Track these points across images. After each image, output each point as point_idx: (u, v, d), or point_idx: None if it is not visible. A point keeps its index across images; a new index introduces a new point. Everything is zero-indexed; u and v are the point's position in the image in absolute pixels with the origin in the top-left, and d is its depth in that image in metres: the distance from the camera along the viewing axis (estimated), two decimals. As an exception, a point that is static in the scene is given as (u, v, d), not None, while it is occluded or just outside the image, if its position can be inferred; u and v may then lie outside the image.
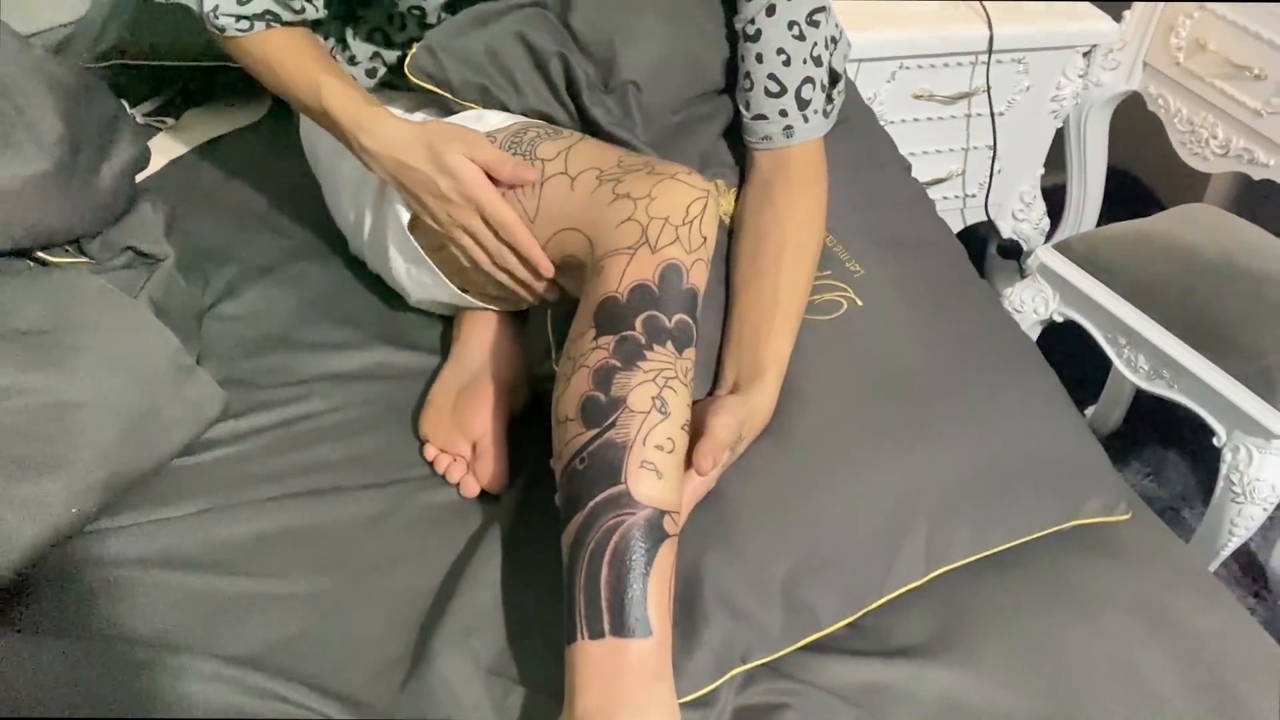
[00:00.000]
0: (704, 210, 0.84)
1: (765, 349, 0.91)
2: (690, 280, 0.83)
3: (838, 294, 0.98)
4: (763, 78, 1.02)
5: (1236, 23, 1.66)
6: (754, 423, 0.88)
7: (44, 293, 0.94)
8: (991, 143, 1.82)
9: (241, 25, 0.98)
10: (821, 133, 1.04)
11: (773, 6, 1.00)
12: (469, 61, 0.98)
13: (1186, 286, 1.37)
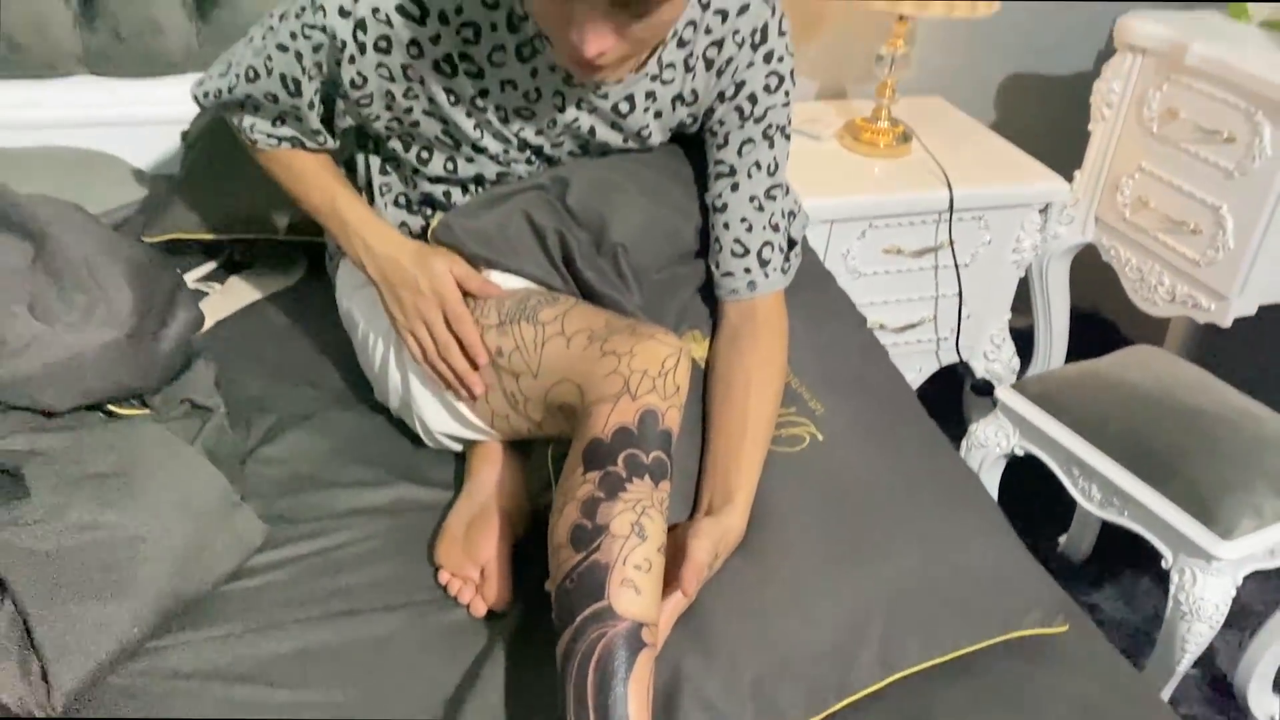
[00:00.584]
0: (677, 364, 0.99)
1: (735, 478, 1.05)
2: (665, 423, 0.97)
3: (801, 429, 1.13)
4: (729, 242, 1.19)
5: (1172, 183, 1.84)
6: (727, 541, 1.01)
7: (114, 441, 1.09)
8: (958, 291, 1.99)
9: (271, 142, 1.20)
10: (780, 287, 1.21)
11: (736, 184, 1.19)
12: (481, 236, 1.16)
13: (1130, 421, 1.51)
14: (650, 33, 0.95)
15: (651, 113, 1.17)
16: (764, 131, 1.18)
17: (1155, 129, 1.86)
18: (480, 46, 1.08)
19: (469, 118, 1.12)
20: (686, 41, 1.14)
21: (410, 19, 1.05)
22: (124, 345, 1.12)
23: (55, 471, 1.03)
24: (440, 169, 1.19)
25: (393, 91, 1.10)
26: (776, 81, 1.17)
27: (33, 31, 1.61)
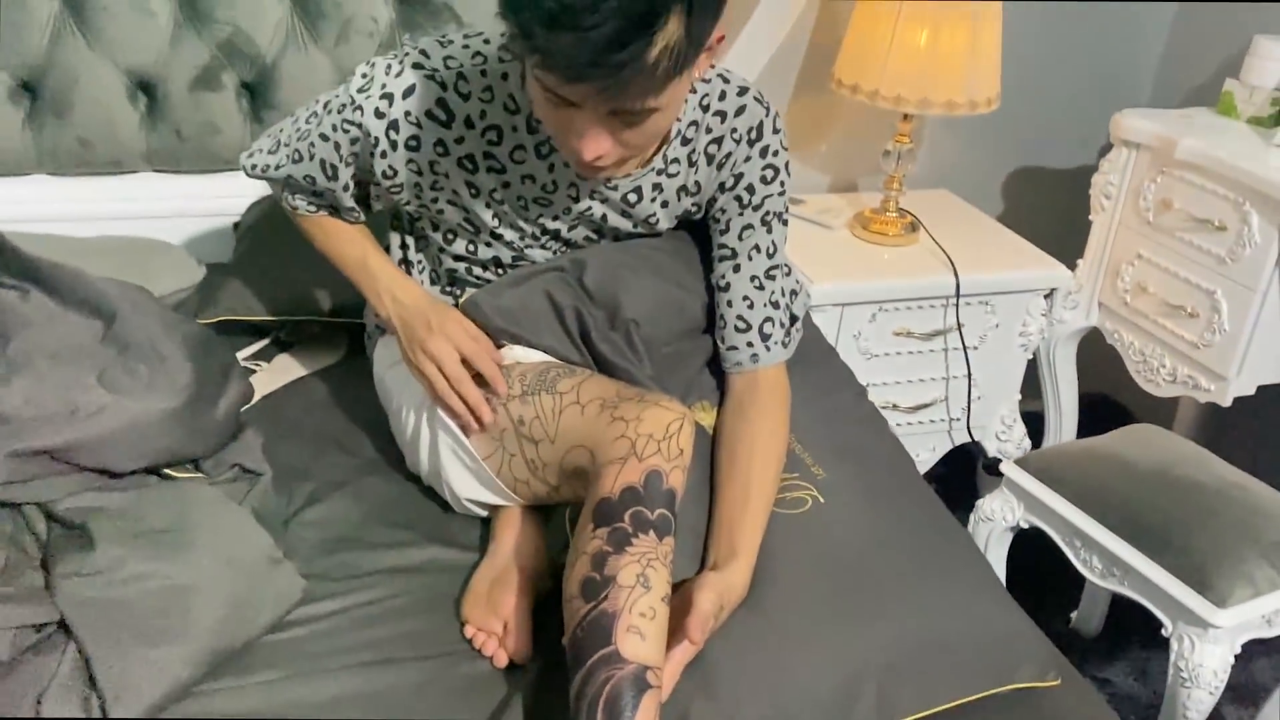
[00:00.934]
0: (681, 429, 1.08)
1: (738, 536, 1.13)
2: (669, 483, 1.05)
3: (804, 492, 1.21)
4: (733, 318, 1.30)
5: (1169, 270, 1.93)
6: (731, 596, 1.09)
7: (170, 500, 1.19)
8: (967, 373, 2.07)
9: (310, 209, 1.34)
10: (782, 359, 1.30)
11: (738, 266, 1.30)
12: (505, 313, 1.26)
13: (1128, 495, 1.57)
14: (643, 139, 1.07)
15: (658, 202, 1.29)
16: (762, 218, 1.30)
17: (1151, 219, 1.95)
18: (503, 146, 1.20)
19: (488, 209, 1.24)
20: (690, 139, 1.26)
21: (438, 122, 1.18)
22: (181, 414, 1.22)
23: (117, 527, 1.13)
24: (462, 250, 1.31)
25: (420, 184, 1.23)
26: (772, 174, 1.29)
27: (103, 132, 1.76)
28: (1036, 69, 2.30)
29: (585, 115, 1.02)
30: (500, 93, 1.19)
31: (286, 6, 1.76)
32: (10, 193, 1.76)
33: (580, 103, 1.01)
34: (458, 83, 1.18)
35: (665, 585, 1.01)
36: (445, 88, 1.17)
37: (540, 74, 1.00)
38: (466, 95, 1.18)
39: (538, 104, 1.06)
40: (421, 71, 1.18)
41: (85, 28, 1.69)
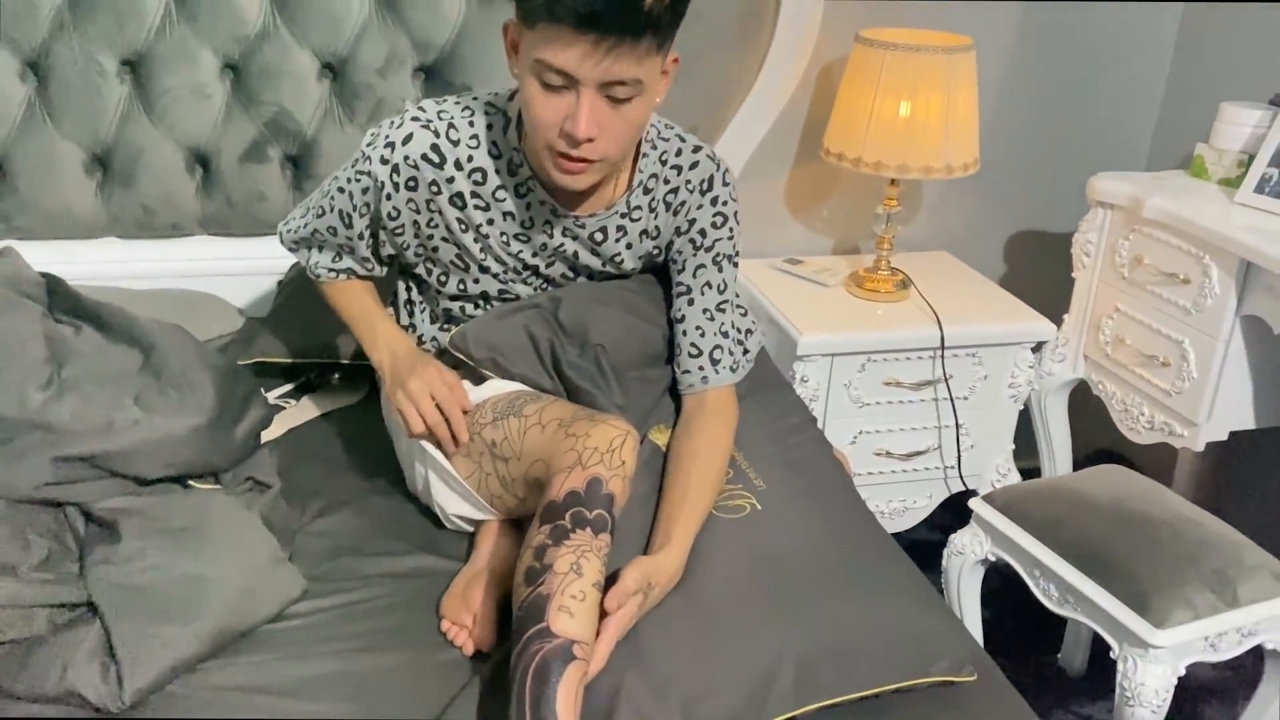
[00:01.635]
0: (624, 443, 1.23)
1: (673, 527, 1.27)
2: (608, 488, 1.19)
3: (743, 500, 1.35)
4: (687, 345, 1.47)
5: (1143, 321, 2.03)
6: (660, 578, 1.21)
7: (190, 505, 1.37)
8: (955, 422, 2.17)
9: (330, 275, 1.52)
10: (729, 382, 1.46)
11: (691, 300, 1.47)
12: (488, 346, 1.44)
13: (1082, 526, 1.67)
14: (624, 128, 1.24)
15: (623, 243, 1.47)
16: (713, 259, 1.47)
17: (1126, 274, 2.06)
18: (486, 185, 1.40)
19: (475, 243, 1.43)
20: (650, 189, 1.44)
21: (432, 164, 1.37)
22: (205, 431, 1.40)
23: (142, 525, 1.31)
24: (455, 288, 1.49)
25: (419, 221, 1.42)
26: (721, 220, 1.47)
27: (164, 200, 1.99)
28: (1032, 135, 2.45)
29: (581, 97, 1.19)
30: (485, 140, 1.38)
31: (326, 89, 1.99)
32: (83, 254, 2.00)
33: (579, 72, 1.17)
34: (449, 131, 1.38)
35: (598, 574, 1.15)
36: (438, 135, 1.37)
37: (546, 46, 1.16)
38: (456, 141, 1.38)
39: (534, 105, 1.23)
40: (418, 122, 1.38)
41: (150, 109, 1.93)
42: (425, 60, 2.00)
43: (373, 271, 1.54)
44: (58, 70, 1.88)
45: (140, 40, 1.89)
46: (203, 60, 1.92)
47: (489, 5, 1.97)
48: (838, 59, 2.26)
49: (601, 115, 1.22)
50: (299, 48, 1.94)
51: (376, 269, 1.54)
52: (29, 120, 1.90)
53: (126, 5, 1.86)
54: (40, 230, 1.99)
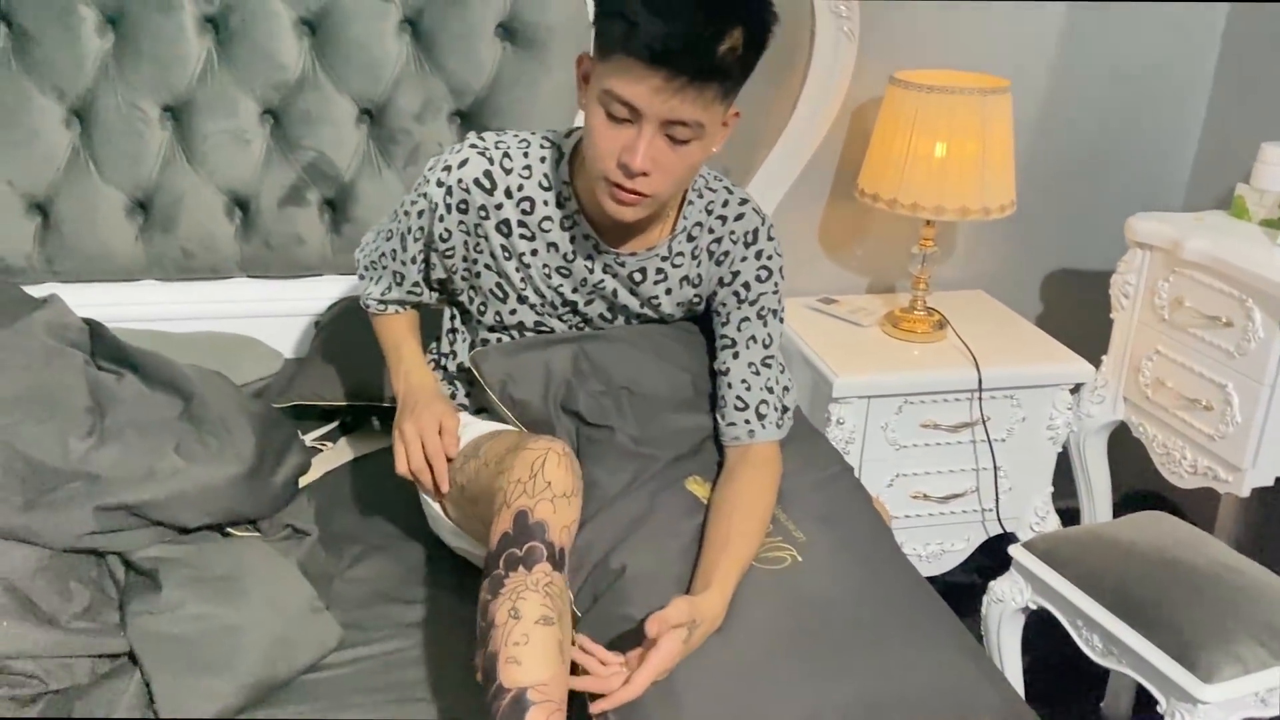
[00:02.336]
0: (544, 462, 1.22)
1: (714, 572, 1.26)
2: (536, 516, 1.18)
3: (784, 552, 1.34)
4: (732, 399, 1.46)
5: (1184, 364, 2.00)
6: (705, 619, 1.20)
7: (229, 554, 1.37)
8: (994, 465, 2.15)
9: (379, 308, 1.57)
10: (775, 438, 1.45)
11: (737, 353, 1.47)
12: (504, 369, 1.47)
13: (1125, 575, 1.64)
14: (680, 167, 1.27)
15: (662, 286, 1.48)
16: (758, 312, 1.47)
17: (1166, 316, 2.03)
18: (534, 215, 1.42)
19: (517, 271, 1.45)
20: (694, 237, 1.46)
21: (483, 189, 1.41)
22: (243, 480, 1.41)
23: (182, 574, 1.32)
24: (492, 319, 1.51)
25: (468, 243, 1.45)
26: (766, 274, 1.47)
27: (203, 243, 2.01)
28: (1069, 176, 2.43)
29: (642, 131, 1.22)
30: (537, 171, 1.42)
31: (364, 134, 2.01)
32: (124, 296, 2.03)
33: (644, 107, 1.20)
34: (503, 160, 1.42)
35: (540, 607, 1.13)
36: (492, 162, 1.41)
37: (616, 77, 1.20)
38: (509, 170, 1.41)
39: (596, 134, 1.26)
40: (475, 149, 1.42)
41: (191, 154, 1.96)
42: (461, 105, 2.02)
43: (420, 298, 1.56)
44: (102, 117, 1.91)
45: (182, 87, 1.92)
46: (243, 106, 1.95)
47: (523, 52, 1.99)
48: (871, 99, 2.26)
49: (658, 152, 1.25)
50: (338, 94, 1.96)
51: (425, 295, 1.56)
52: (73, 166, 1.93)
53: (169, 53, 1.89)
54: (82, 273, 2.01)
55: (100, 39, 1.88)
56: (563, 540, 1.20)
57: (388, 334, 1.57)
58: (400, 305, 1.57)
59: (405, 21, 1.96)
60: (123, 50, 1.88)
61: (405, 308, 1.58)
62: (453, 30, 1.95)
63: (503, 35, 1.99)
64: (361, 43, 1.94)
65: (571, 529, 1.23)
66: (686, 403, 1.49)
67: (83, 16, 1.85)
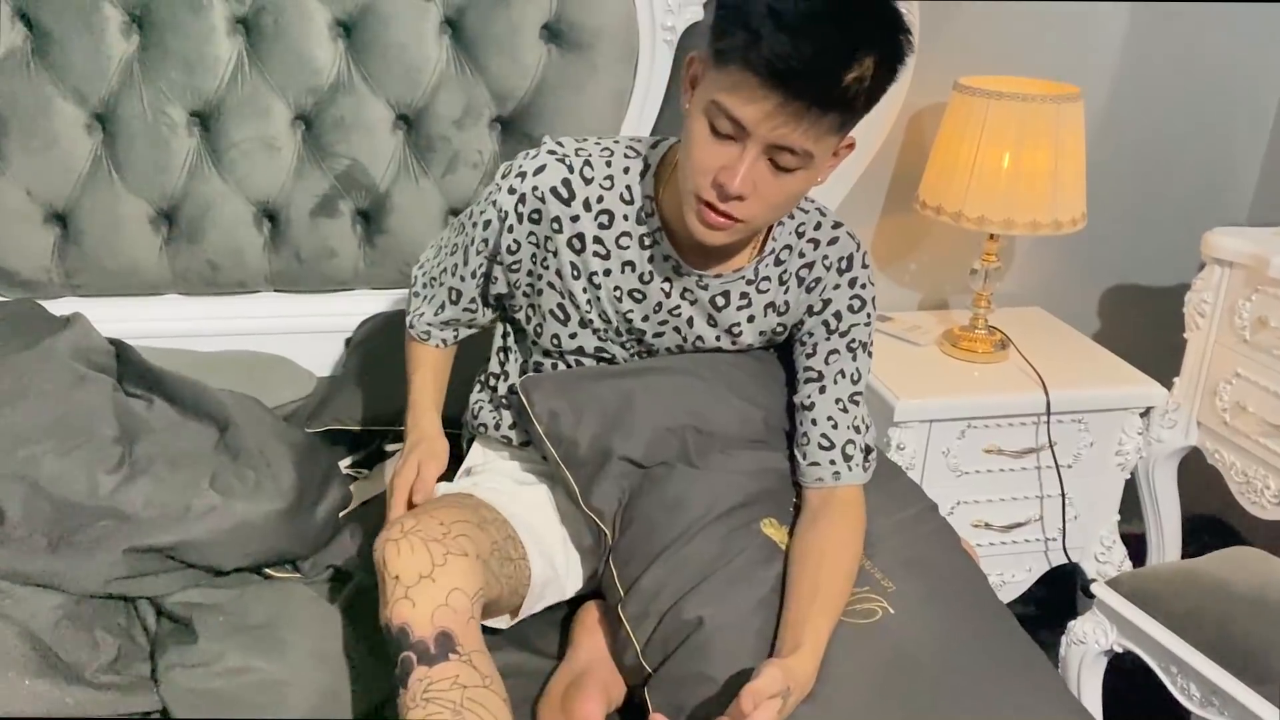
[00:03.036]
0: (385, 560, 1.11)
1: (803, 630, 1.15)
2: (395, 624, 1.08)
3: (874, 604, 1.23)
4: (816, 436, 1.34)
5: (1269, 389, 1.89)
6: (798, 683, 1.09)
7: (268, 599, 1.26)
8: (1061, 492, 2.04)
9: (424, 334, 1.47)
10: (860, 481, 1.33)
11: (824, 388, 1.35)
12: (554, 403, 1.35)
13: (1225, 619, 1.53)
14: (780, 196, 1.16)
15: (745, 314, 1.36)
16: (848, 345, 1.36)
17: (1248, 337, 1.92)
18: (612, 230, 1.31)
19: (584, 292, 1.34)
20: (783, 261, 1.34)
21: (559, 199, 1.29)
22: (284, 517, 1.31)
23: (219, 622, 1.21)
24: (549, 342, 1.40)
25: (535, 257, 1.33)
26: (859, 304, 1.36)
27: (230, 256, 1.91)
28: (1130, 186, 2.32)
29: (745, 152, 1.11)
30: (619, 183, 1.30)
31: (400, 141, 1.90)
32: (147, 311, 1.92)
33: (754, 126, 1.09)
34: (583, 168, 1.30)
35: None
36: (571, 170, 1.30)
37: (728, 91, 1.09)
38: (589, 180, 1.30)
39: (695, 146, 1.15)
40: (554, 155, 1.31)
41: (218, 163, 1.85)
42: (503, 111, 1.91)
43: (475, 317, 1.45)
44: (125, 123, 1.80)
45: (210, 91, 1.81)
46: (274, 112, 1.84)
47: (569, 55, 1.88)
48: (928, 106, 2.15)
49: (759, 176, 1.14)
50: (374, 98, 1.86)
51: (480, 314, 1.45)
52: (95, 174, 1.83)
53: (197, 56, 1.79)
54: (103, 287, 1.91)
55: (125, 40, 1.77)
56: (438, 624, 1.07)
57: (418, 363, 1.48)
58: (452, 330, 1.46)
59: (446, 22, 1.85)
60: (148, 52, 1.78)
61: (456, 335, 1.48)
62: (496, 32, 1.85)
63: (548, 37, 1.88)
64: (400, 45, 1.83)
65: (452, 599, 1.09)
66: (758, 440, 1.38)
67: (107, 16, 1.75)
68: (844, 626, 1.19)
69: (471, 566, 1.13)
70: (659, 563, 1.24)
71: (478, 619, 1.12)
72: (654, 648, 1.21)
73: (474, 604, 1.11)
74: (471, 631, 1.10)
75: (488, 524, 1.24)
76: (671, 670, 1.18)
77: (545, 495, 1.42)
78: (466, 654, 1.07)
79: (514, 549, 1.27)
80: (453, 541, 1.13)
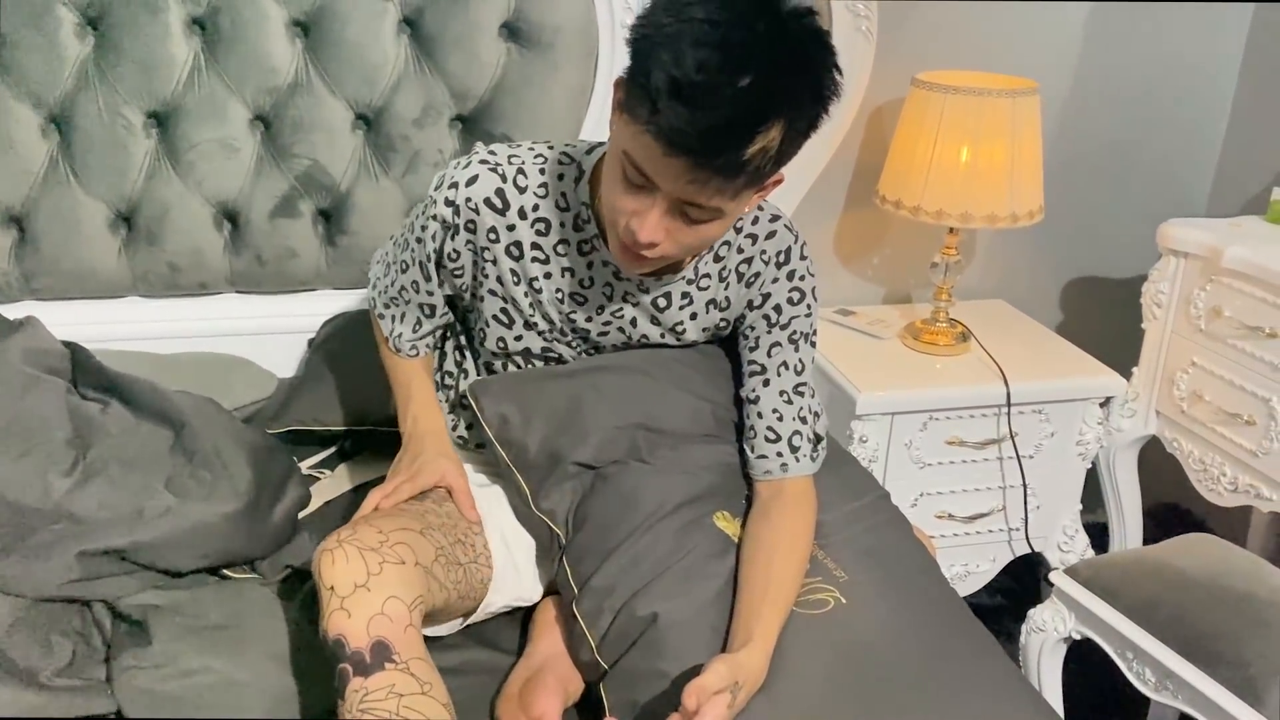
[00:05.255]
0: (321, 572, 1.10)
1: (755, 624, 1.15)
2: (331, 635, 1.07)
3: (826, 594, 1.24)
4: (763, 429, 1.35)
5: (1223, 377, 1.92)
6: (745, 676, 1.09)
7: (225, 599, 1.26)
8: (1023, 482, 2.06)
9: (412, 352, 1.45)
10: (809, 472, 1.34)
11: (767, 380, 1.36)
12: (503, 407, 1.36)
13: (1180, 605, 1.55)
14: (692, 242, 1.15)
15: (687, 312, 1.36)
16: (789, 336, 1.36)
17: (1203, 326, 1.95)
18: (549, 238, 1.31)
19: (526, 297, 1.34)
20: (722, 257, 1.34)
21: (494, 209, 1.29)
22: (240, 518, 1.30)
23: (175, 623, 1.21)
24: (494, 345, 1.40)
25: (476, 264, 1.33)
26: (799, 296, 1.36)
27: (190, 258, 1.90)
28: (1090, 179, 2.35)
29: (656, 202, 1.10)
30: (554, 190, 1.30)
31: (360, 140, 1.90)
32: (106, 314, 1.91)
33: (661, 184, 1.08)
34: (517, 177, 1.29)
35: None
36: (504, 180, 1.29)
37: (636, 147, 1.07)
38: (523, 189, 1.30)
39: (611, 184, 1.14)
40: (486, 165, 1.30)
41: (177, 164, 1.84)
42: (463, 110, 1.91)
43: (445, 317, 1.45)
44: (81, 125, 1.79)
45: (168, 92, 1.80)
46: (232, 112, 1.83)
47: (529, 53, 1.88)
48: (888, 101, 2.17)
49: (671, 225, 1.12)
50: (333, 98, 1.85)
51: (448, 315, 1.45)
52: (51, 177, 1.82)
53: (154, 57, 1.78)
54: (61, 290, 1.90)
55: (80, 42, 1.76)
56: (374, 634, 1.07)
57: (400, 372, 1.46)
58: (433, 338, 1.47)
59: (404, 21, 1.85)
60: (104, 54, 1.77)
61: (435, 340, 1.48)
62: (455, 31, 1.85)
63: (507, 36, 1.88)
64: (358, 44, 1.83)
65: (388, 607, 1.08)
66: (708, 434, 1.38)
67: (60, 18, 1.74)
68: (796, 617, 1.20)
69: (409, 574, 1.12)
70: (612, 560, 1.25)
71: (417, 626, 1.11)
72: (609, 644, 1.21)
73: (413, 611, 1.10)
74: (410, 639, 1.09)
75: (433, 529, 1.23)
76: (627, 666, 1.19)
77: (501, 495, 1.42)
78: (404, 662, 1.07)
79: (463, 553, 1.27)
80: (390, 550, 1.12)
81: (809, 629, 1.19)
